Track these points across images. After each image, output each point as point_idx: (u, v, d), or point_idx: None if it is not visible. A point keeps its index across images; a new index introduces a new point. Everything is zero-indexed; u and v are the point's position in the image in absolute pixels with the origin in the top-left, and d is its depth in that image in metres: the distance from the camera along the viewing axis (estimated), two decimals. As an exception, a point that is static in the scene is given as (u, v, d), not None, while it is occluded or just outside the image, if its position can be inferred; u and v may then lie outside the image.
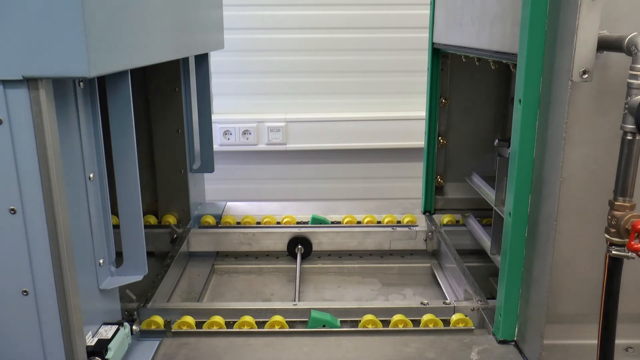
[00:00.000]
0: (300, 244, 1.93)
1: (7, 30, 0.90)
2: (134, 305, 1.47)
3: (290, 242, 1.94)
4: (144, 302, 1.48)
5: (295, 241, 1.93)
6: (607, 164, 1.11)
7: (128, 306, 1.47)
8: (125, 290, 1.46)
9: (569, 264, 1.20)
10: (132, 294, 1.49)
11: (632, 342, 1.27)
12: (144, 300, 1.49)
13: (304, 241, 1.94)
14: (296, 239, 1.93)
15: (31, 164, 0.98)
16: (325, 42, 2.99)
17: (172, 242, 1.92)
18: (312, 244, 1.94)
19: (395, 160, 3.14)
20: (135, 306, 1.47)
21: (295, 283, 1.76)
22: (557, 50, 1.12)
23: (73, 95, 1.09)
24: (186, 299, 1.73)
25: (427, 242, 1.96)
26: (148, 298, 1.50)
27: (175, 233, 1.93)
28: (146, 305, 1.47)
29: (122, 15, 1.07)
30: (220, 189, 2.90)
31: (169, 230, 1.94)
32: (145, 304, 1.47)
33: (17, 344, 1.06)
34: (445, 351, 1.32)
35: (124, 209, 1.24)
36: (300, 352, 1.32)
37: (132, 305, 1.48)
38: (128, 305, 1.47)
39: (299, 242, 1.93)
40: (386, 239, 1.96)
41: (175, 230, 1.93)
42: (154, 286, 1.58)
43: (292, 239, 1.94)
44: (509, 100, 2.01)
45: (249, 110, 3.05)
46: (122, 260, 1.27)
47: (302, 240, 1.94)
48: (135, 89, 1.25)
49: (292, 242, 1.94)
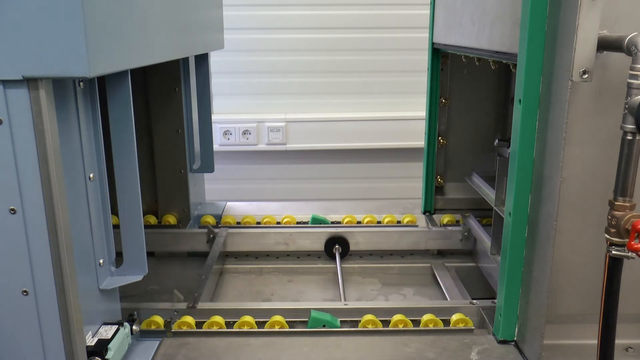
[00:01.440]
0: (338, 244, 1.93)
1: (7, 30, 0.90)
2: (182, 304, 1.48)
3: (327, 242, 1.94)
4: (192, 302, 1.49)
5: (333, 241, 1.94)
6: (607, 164, 1.11)
7: (177, 306, 1.48)
8: (173, 290, 1.48)
9: (569, 264, 1.20)
10: (179, 294, 1.49)
11: (632, 342, 1.27)
12: (192, 300, 1.50)
13: (342, 241, 1.94)
14: (333, 239, 1.93)
15: (31, 164, 0.98)
16: (325, 42, 2.99)
17: (209, 241, 1.92)
18: (349, 244, 1.94)
19: (395, 160, 3.14)
20: (184, 305, 1.48)
21: (338, 282, 1.76)
22: (557, 50, 1.12)
23: (73, 95, 1.09)
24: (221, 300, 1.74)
25: (463, 242, 1.96)
26: (196, 298, 1.51)
27: (212, 233, 1.93)
28: (195, 306, 1.48)
29: (122, 15, 1.07)
30: (220, 189, 2.90)
31: (206, 231, 1.94)
32: (194, 305, 1.48)
33: (17, 344, 1.06)
34: (445, 351, 1.32)
35: (124, 209, 1.24)
36: (300, 352, 1.32)
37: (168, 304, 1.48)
38: (176, 305, 1.49)
39: (336, 242, 1.93)
40: (422, 239, 1.96)
41: (212, 231, 1.93)
42: (200, 286, 1.58)
43: (329, 238, 1.94)
44: (509, 100, 2.01)
45: (249, 110, 3.05)
46: (122, 260, 1.27)
47: (340, 240, 1.94)
48: (135, 89, 1.25)
49: (329, 242, 1.94)
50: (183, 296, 1.49)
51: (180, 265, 1.91)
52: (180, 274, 1.86)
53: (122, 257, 1.27)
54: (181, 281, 1.80)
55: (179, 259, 1.95)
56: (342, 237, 1.94)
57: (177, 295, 1.48)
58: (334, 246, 1.93)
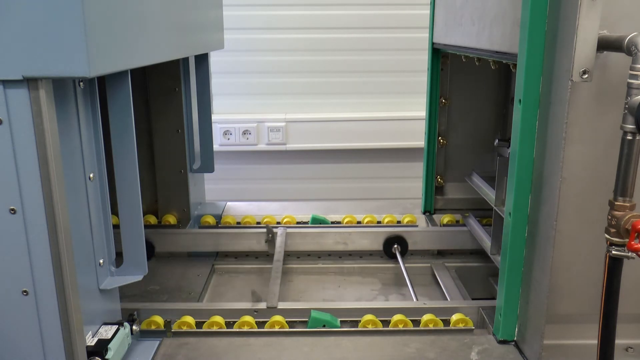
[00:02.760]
0: (397, 243, 1.93)
1: (7, 30, 0.90)
2: (262, 304, 1.48)
3: (386, 242, 1.94)
4: (273, 303, 1.49)
5: (391, 241, 1.94)
6: (607, 164, 1.11)
7: (257, 306, 1.49)
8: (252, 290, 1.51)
9: (569, 264, 1.20)
10: (258, 293, 1.48)
11: (632, 342, 1.27)
12: (273, 301, 1.50)
13: (400, 240, 1.94)
14: (392, 239, 1.94)
15: (31, 164, 0.97)
16: (325, 42, 2.99)
17: (267, 241, 1.92)
18: (408, 243, 1.94)
19: (395, 160, 3.14)
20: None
21: (406, 281, 1.76)
22: (557, 50, 1.12)
23: (73, 95, 1.09)
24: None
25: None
26: (270, 298, 1.51)
27: (270, 233, 1.92)
28: (275, 307, 1.49)
29: (122, 15, 1.07)
30: (220, 189, 2.90)
31: (265, 230, 1.93)
32: (276, 306, 1.49)
33: (17, 344, 1.06)
34: (445, 351, 1.32)
35: (124, 209, 1.24)
36: (300, 352, 1.32)
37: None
38: (256, 305, 1.49)
39: (395, 241, 1.93)
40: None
41: (271, 231, 1.92)
42: (273, 284, 1.60)
43: (387, 238, 1.94)
44: (509, 100, 2.01)
45: (249, 110, 3.05)
46: (122, 260, 1.27)
47: (398, 239, 1.94)
48: (135, 89, 1.25)
49: (388, 241, 1.94)
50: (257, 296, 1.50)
51: (181, 266, 1.91)
52: (181, 274, 1.86)
53: (122, 257, 1.27)
54: (182, 281, 1.81)
55: (180, 259, 1.95)
56: (400, 237, 1.94)
57: (257, 295, 1.48)
58: (392, 245, 1.93)
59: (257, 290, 1.81)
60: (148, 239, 1.89)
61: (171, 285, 1.78)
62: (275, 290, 1.56)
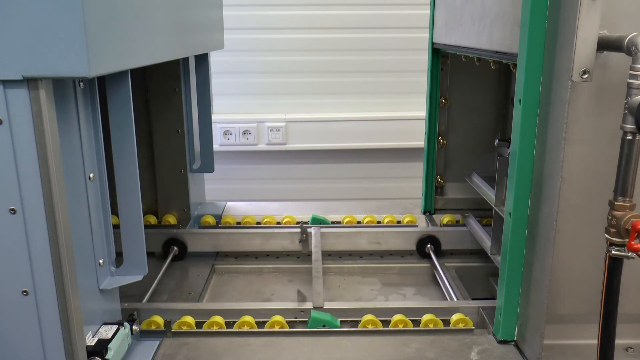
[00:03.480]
0: (430, 243, 1.94)
1: (7, 30, 0.90)
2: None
3: (419, 242, 1.94)
4: (320, 304, 1.50)
5: (425, 241, 1.94)
6: (607, 164, 1.11)
7: (302, 306, 1.49)
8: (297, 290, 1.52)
9: (569, 264, 1.20)
10: (303, 293, 1.54)
11: (632, 342, 1.27)
12: (321, 302, 1.51)
13: (433, 240, 1.94)
14: (425, 239, 1.94)
15: (31, 164, 0.98)
16: (325, 42, 2.99)
17: (301, 241, 1.92)
18: (441, 243, 1.94)
19: (395, 160, 3.14)
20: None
21: (442, 280, 1.77)
22: (557, 50, 1.12)
23: (73, 95, 1.09)
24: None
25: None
26: (316, 299, 1.52)
27: (304, 232, 1.92)
28: (322, 307, 1.49)
29: (122, 15, 1.07)
30: (220, 189, 2.90)
31: (299, 230, 1.93)
32: (321, 305, 1.50)
33: (17, 344, 1.06)
34: (445, 351, 1.32)
35: (124, 209, 1.24)
36: (300, 352, 1.32)
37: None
38: (302, 305, 1.50)
39: (429, 241, 1.94)
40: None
41: (305, 230, 1.92)
42: (316, 284, 1.60)
43: (421, 238, 1.94)
44: (509, 100, 2.01)
45: (249, 110, 3.05)
46: (122, 260, 1.27)
47: (431, 239, 1.94)
48: (135, 89, 1.25)
49: (421, 241, 1.94)
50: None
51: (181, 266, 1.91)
52: (181, 274, 1.86)
53: (122, 257, 1.27)
54: (182, 281, 1.81)
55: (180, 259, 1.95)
56: (433, 237, 1.94)
57: (302, 294, 1.51)
58: (425, 245, 1.94)
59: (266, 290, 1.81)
60: (181, 239, 1.91)
61: (171, 285, 1.78)
62: (319, 290, 1.57)
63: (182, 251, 1.93)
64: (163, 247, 1.92)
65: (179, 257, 1.93)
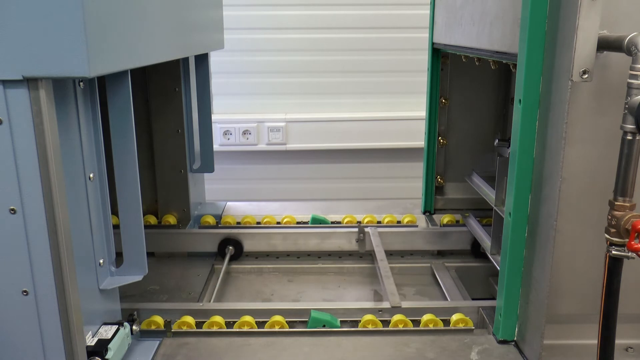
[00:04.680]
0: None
1: (7, 30, 0.90)
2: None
3: (474, 242, 1.92)
4: (396, 302, 1.51)
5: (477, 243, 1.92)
6: (607, 164, 1.11)
7: (380, 305, 1.49)
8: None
9: (569, 264, 1.20)
10: (380, 292, 1.55)
11: (632, 342, 1.27)
12: (399, 302, 1.52)
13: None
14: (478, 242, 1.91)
15: (31, 164, 0.97)
16: (325, 42, 2.99)
17: (358, 241, 1.93)
18: (479, 245, 1.92)
19: (395, 160, 3.14)
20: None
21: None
22: (557, 50, 1.12)
23: (73, 95, 1.09)
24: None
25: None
26: (394, 300, 1.52)
27: (362, 232, 1.92)
28: (399, 307, 1.50)
29: (122, 15, 1.07)
30: (220, 189, 2.90)
31: (358, 229, 1.93)
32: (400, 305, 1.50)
33: (17, 344, 1.06)
34: (445, 351, 1.32)
35: (124, 209, 1.24)
36: (300, 352, 1.32)
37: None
38: (380, 304, 1.50)
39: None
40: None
41: (363, 230, 1.92)
42: (385, 284, 1.61)
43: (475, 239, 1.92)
44: (509, 100, 2.01)
45: (249, 110, 3.05)
46: (122, 260, 1.27)
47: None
48: (135, 89, 1.25)
49: (476, 242, 1.91)
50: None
51: (181, 265, 1.91)
52: (181, 274, 1.86)
53: (122, 257, 1.27)
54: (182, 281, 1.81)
55: (180, 259, 1.95)
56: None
57: (378, 294, 1.54)
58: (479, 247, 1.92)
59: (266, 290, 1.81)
60: (236, 238, 1.93)
61: (171, 285, 1.78)
62: (393, 290, 1.57)
63: (237, 251, 1.93)
64: (219, 246, 1.94)
65: (234, 257, 1.94)
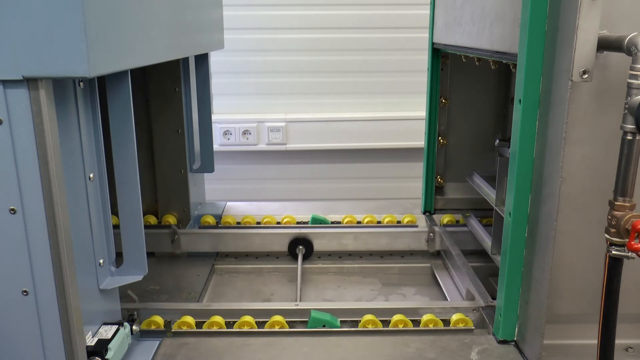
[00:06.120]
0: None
1: (7, 30, 0.90)
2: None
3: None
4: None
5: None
6: (607, 164, 1.11)
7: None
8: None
9: (569, 264, 1.20)
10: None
11: (632, 342, 1.27)
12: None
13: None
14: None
15: (31, 164, 0.97)
16: (325, 42, 2.99)
17: (427, 240, 1.94)
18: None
19: (395, 160, 3.14)
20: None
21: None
22: (557, 50, 1.12)
23: (73, 95, 1.09)
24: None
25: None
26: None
27: (432, 232, 1.93)
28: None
29: (122, 15, 1.07)
30: (220, 189, 2.90)
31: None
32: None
33: (17, 344, 1.06)
34: (445, 351, 1.32)
35: (124, 209, 1.24)
36: (300, 352, 1.32)
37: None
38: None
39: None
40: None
41: (433, 230, 1.93)
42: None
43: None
44: (509, 100, 2.01)
45: (249, 110, 3.05)
46: (122, 260, 1.27)
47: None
48: (135, 89, 1.25)
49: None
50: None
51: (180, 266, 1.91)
52: (181, 274, 1.86)
53: (122, 257, 1.27)
54: (182, 281, 1.81)
55: (179, 259, 1.95)
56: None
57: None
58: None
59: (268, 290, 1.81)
60: (308, 238, 1.92)
61: (171, 285, 1.78)
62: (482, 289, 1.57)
63: (308, 250, 1.93)
64: (289, 247, 1.94)
65: (305, 256, 1.94)
